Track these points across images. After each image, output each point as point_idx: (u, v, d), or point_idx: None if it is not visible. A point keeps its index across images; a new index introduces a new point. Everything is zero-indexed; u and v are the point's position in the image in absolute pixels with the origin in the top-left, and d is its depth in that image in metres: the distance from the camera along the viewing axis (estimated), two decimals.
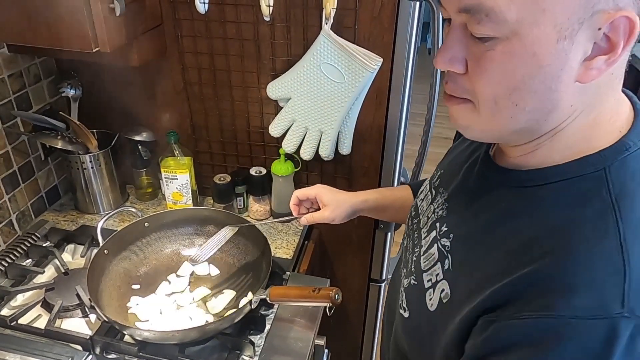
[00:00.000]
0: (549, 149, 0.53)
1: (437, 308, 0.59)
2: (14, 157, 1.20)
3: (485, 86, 0.50)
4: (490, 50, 0.47)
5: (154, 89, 1.27)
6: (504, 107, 0.50)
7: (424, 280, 0.63)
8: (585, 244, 0.47)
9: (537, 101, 0.49)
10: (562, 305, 0.45)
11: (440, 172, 0.73)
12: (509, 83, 0.48)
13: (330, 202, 0.94)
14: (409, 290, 0.67)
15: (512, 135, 0.54)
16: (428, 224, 0.68)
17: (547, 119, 0.50)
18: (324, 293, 0.78)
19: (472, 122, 0.54)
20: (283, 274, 1.12)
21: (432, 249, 0.64)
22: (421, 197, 0.75)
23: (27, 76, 1.21)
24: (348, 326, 1.59)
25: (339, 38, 1.06)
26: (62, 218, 1.31)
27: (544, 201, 0.52)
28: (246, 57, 1.17)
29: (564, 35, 0.45)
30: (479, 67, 0.49)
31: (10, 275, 1.11)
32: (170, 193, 1.27)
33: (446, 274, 0.59)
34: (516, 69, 0.47)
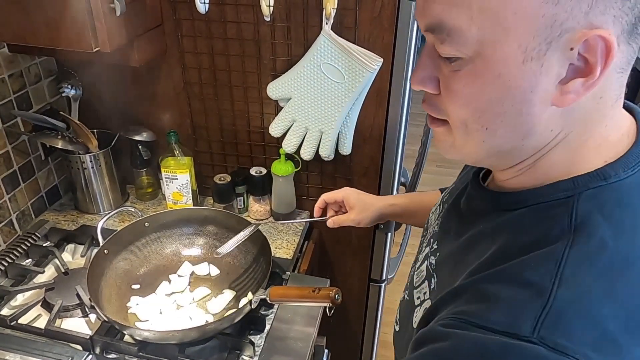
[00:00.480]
0: (531, 173, 0.51)
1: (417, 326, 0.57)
2: (14, 156, 1.20)
3: (454, 108, 0.48)
4: (457, 70, 0.46)
5: (154, 89, 1.27)
6: (474, 130, 0.48)
7: (414, 297, 0.62)
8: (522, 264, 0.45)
9: (508, 125, 0.46)
10: (478, 315, 0.44)
11: (451, 187, 0.72)
12: (476, 105, 0.46)
13: (356, 205, 0.94)
14: (402, 305, 0.67)
15: (490, 159, 0.52)
16: (428, 238, 0.68)
17: (524, 144, 0.48)
18: (324, 293, 0.78)
19: (450, 146, 0.52)
20: (283, 274, 1.12)
21: (422, 265, 0.64)
22: (432, 210, 0.75)
23: (28, 76, 1.21)
24: (348, 326, 1.59)
25: (340, 38, 1.06)
26: (62, 218, 1.31)
27: (514, 224, 0.50)
28: (246, 57, 1.17)
29: (531, 56, 0.42)
30: (447, 88, 0.48)
31: (11, 275, 1.11)
32: (171, 193, 1.27)
33: (432, 294, 0.58)
34: (483, 91, 0.45)
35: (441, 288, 0.56)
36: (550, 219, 0.47)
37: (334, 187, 1.32)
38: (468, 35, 0.43)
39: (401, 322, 0.65)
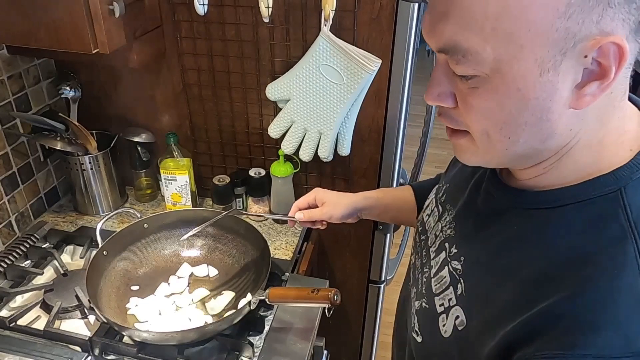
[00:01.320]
0: (559, 170, 0.51)
1: (451, 334, 0.57)
2: (13, 158, 1.20)
3: (474, 122, 0.49)
4: (474, 87, 0.47)
5: (153, 91, 1.28)
6: (497, 140, 0.49)
7: (436, 304, 0.61)
8: (603, 278, 0.45)
9: (530, 132, 0.48)
10: (587, 344, 0.43)
11: (445, 186, 0.71)
12: (497, 118, 0.48)
13: (328, 200, 0.93)
14: (420, 314, 0.64)
15: (513, 162, 0.53)
16: (437, 243, 0.66)
17: (546, 145, 0.49)
18: (323, 294, 0.78)
19: (472, 154, 0.53)
20: (282, 275, 1.12)
21: (442, 271, 0.62)
22: (427, 212, 0.74)
23: (27, 77, 1.21)
24: (347, 327, 1.59)
25: (338, 39, 1.06)
26: (61, 219, 1.31)
27: (555, 226, 0.50)
28: (245, 58, 1.17)
29: (547, 67, 0.43)
30: (465, 103, 0.49)
31: (10, 277, 1.11)
32: (170, 194, 1.27)
33: (459, 299, 0.57)
34: (503, 105, 0.46)
35: (473, 293, 0.56)
36: (602, 217, 0.48)
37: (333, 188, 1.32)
38: (484, 56, 0.44)
39: (424, 332, 0.63)
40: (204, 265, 1.11)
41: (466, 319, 0.55)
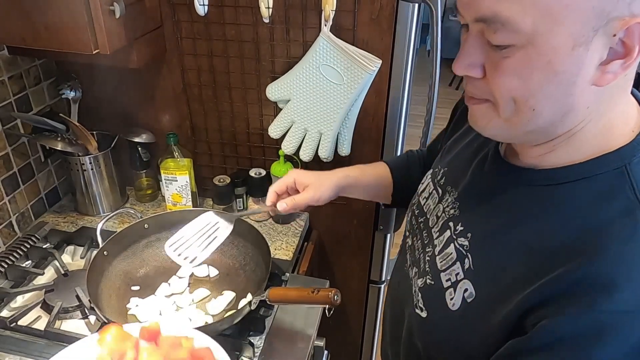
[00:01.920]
0: (566, 149, 0.54)
1: (460, 307, 0.59)
2: (14, 158, 1.20)
3: (503, 91, 0.51)
4: (507, 57, 0.49)
5: (153, 91, 1.28)
6: (521, 111, 0.51)
7: (442, 279, 0.63)
8: (616, 243, 0.48)
9: (554, 105, 0.50)
10: (605, 300, 0.46)
11: (443, 170, 0.73)
12: (525, 89, 0.50)
13: (311, 182, 0.86)
14: (425, 290, 0.66)
15: (526, 136, 0.55)
16: (439, 223, 0.68)
17: (563, 121, 0.52)
18: (323, 294, 0.78)
19: (490, 122, 0.55)
20: (282, 275, 1.12)
21: (448, 248, 0.64)
22: (424, 196, 0.75)
23: (27, 78, 1.21)
24: (348, 327, 1.59)
25: (338, 40, 1.06)
26: (62, 219, 1.31)
27: (565, 201, 0.53)
28: (245, 58, 1.18)
29: (580, 42, 0.46)
30: (496, 73, 0.51)
31: (10, 277, 1.11)
32: (170, 194, 1.27)
33: (467, 273, 0.60)
34: (532, 76, 0.49)
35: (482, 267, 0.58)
36: (610, 191, 0.51)
37: None
38: (522, 26, 0.46)
39: (429, 307, 0.65)
40: (204, 265, 1.11)
41: (475, 291, 0.58)
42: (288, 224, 1.32)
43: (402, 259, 0.79)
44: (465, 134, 0.73)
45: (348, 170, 0.93)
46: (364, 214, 1.36)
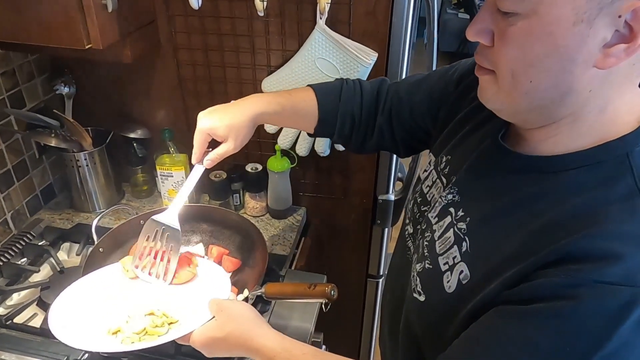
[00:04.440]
0: (569, 135, 0.55)
1: (455, 290, 0.60)
2: (8, 155, 1.19)
3: (504, 60, 0.52)
4: (512, 25, 0.50)
5: (148, 86, 1.27)
6: (519, 82, 0.52)
7: (440, 263, 0.63)
8: (613, 222, 0.49)
9: (552, 80, 0.50)
10: (591, 270, 0.47)
11: (446, 158, 0.72)
12: (525, 59, 0.50)
13: (226, 132, 0.82)
14: (423, 274, 0.67)
15: (528, 114, 0.55)
16: (437, 209, 0.68)
17: (563, 101, 0.52)
18: (320, 289, 0.78)
19: (493, 94, 0.56)
20: (280, 270, 1.12)
21: (447, 233, 0.64)
22: (427, 184, 0.75)
23: (20, 74, 1.20)
24: (346, 322, 1.59)
25: (334, 33, 1.05)
26: (57, 216, 1.30)
27: (565, 186, 0.54)
28: (241, 52, 1.17)
29: (582, 18, 0.46)
30: (501, 41, 0.52)
31: (6, 274, 1.11)
32: (166, 190, 1.26)
33: (464, 256, 0.60)
34: (533, 46, 0.49)
35: (478, 249, 0.59)
36: (612, 177, 0.52)
37: (330, 183, 1.32)
38: None
39: (427, 291, 0.65)
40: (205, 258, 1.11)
41: (470, 272, 0.58)
42: (285, 219, 1.32)
43: (401, 246, 0.79)
44: (467, 118, 0.72)
45: (265, 104, 0.84)
46: (361, 209, 1.35)
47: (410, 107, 0.84)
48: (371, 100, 0.87)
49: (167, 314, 0.82)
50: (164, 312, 0.82)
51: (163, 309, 0.83)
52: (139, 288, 0.88)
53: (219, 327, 0.73)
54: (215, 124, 0.82)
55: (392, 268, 0.85)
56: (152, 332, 0.79)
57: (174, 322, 0.81)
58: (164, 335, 0.78)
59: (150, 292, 0.87)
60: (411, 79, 0.87)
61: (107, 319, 0.82)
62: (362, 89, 0.88)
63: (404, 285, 0.73)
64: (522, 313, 0.50)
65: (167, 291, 0.87)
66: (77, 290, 0.86)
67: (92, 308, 0.84)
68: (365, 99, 0.87)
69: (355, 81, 0.90)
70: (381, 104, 0.87)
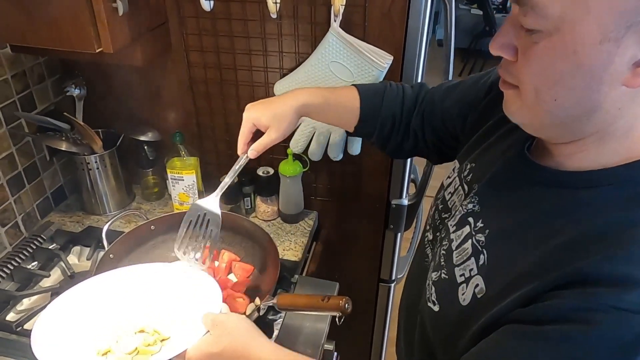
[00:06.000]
0: (596, 151, 0.53)
1: (469, 303, 0.58)
2: (18, 158, 1.18)
3: (527, 77, 0.50)
4: (535, 43, 0.48)
5: (159, 88, 1.25)
6: (543, 100, 0.50)
7: (456, 274, 0.62)
8: (636, 246, 0.46)
9: (577, 99, 0.48)
10: (608, 295, 0.45)
11: (470, 166, 0.71)
12: (548, 77, 0.48)
13: (270, 120, 0.83)
14: (439, 284, 0.65)
15: (554, 130, 0.54)
16: (457, 217, 0.67)
17: (591, 119, 0.50)
18: (334, 302, 0.76)
19: (517, 108, 0.54)
20: (291, 278, 1.10)
21: (465, 244, 0.63)
22: (450, 191, 0.74)
23: (31, 76, 1.19)
24: (357, 326, 1.57)
25: (348, 35, 1.03)
26: (68, 219, 1.29)
27: (590, 204, 0.52)
28: (253, 54, 1.14)
29: (609, 37, 0.44)
30: (524, 57, 0.50)
31: (17, 279, 1.10)
32: (177, 194, 1.25)
33: (481, 269, 0.59)
34: (556, 65, 0.47)
35: (495, 262, 0.57)
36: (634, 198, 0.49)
37: (343, 187, 1.30)
38: (550, 11, 0.45)
39: (441, 302, 0.64)
40: None
41: (485, 286, 0.57)
42: (297, 223, 1.30)
43: (421, 254, 0.78)
44: (495, 126, 0.70)
45: (309, 96, 0.84)
46: (374, 213, 1.33)
47: (441, 112, 0.83)
48: (411, 104, 0.88)
49: (158, 331, 0.79)
50: (155, 329, 0.79)
51: (154, 325, 0.80)
52: (127, 303, 0.84)
53: (214, 342, 0.71)
54: (259, 114, 0.84)
55: (410, 275, 0.84)
56: (144, 351, 0.75)
57: (165, 338, 0.78)
58: (157, 353, 0.75)
59: (139, 307, 0.84)
60: (446, 84, 0.87)
61: (96, 338, 0.78)
62: (404, 93, 0.88)
63: (420, 292, 0.71)
64: (533, 334, 0.48)
65: (157, 305, 0.84)
66: (60, 307, 0.80)
67: (78, 326, 0.79)
68: (406, 102, 0.87)
69: (399, 85, 0.90)
70: (417, 107, 0.87)
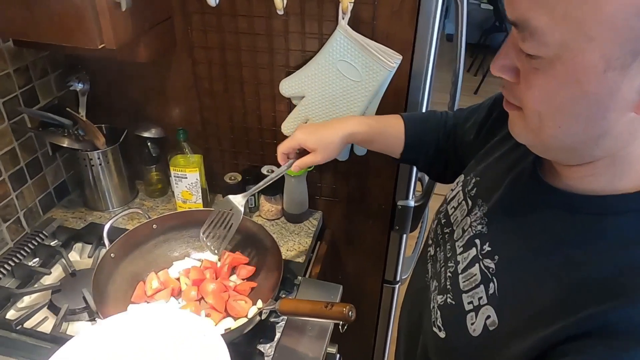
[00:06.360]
0: (610, 175, 0.49)
1: (480, 334, 0.56)
2: (21, 153, 1.17)
3: (529, 102, 0.48)
4: (536, 68, 0.45)
5: (163, 84, 1.23)
6: (547, 126, 0.48)
7: (464, 301, 0.59)
8: None
9: (582, 125, 0.46)
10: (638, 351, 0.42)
11: (475, 180, 0.68)
12: (551, 104, 0.46)
13: (317, 145, 0.86)
14: (444, 310, 0.63)
15: (561, 153, 0.51)
16: (465, 238, 0.64)
17: (599, 144, 0.47)
18: (337, 310, 0.74)
19: (521, 130, 0.52)
20: (295, 279, 1.09)
21: (472, 268, 0.60)
22: (453, 205, 0.71)
23: (34, 70, 1.17)
24: (360, 328, 1.56)
25: (356, 34, 1.00)
26: (70, 215, 1.28)
27: (607, 234, 0.48)
28: (259, 52, 1.12)
29: (614, 65, 0.41)
30: (526, 82, 0.47)
31: (17, 276, 1.09)
32: (180, 192, 1.23)
33: (491, 299, 0.56)
34: (559, 92, 0.45)
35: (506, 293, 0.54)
36: None
37: (348, 187, 1.28)
38: (550, 38, 0.42)
39: (448, 329, 0.61)
40: None
41: (498, 319, 0.54)
42: (301, 223, 1.28)
43: (421, 268, 0.75)
44: (501, 142, 0.68)
45: (356, 125, 0.88)
46: (379, 214, 1.31)
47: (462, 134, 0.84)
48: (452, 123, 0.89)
49: None
50: None
51: None
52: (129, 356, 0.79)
53: None
54: (308, 137, 0.87)
55: (410, 288, 0.81)
56: None
57: None
58: None
59: None
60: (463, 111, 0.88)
61: None
62: (447, 119, 0.90)
63: (421, 312, 0.69)
64: None
65: None
66: None
67: None
68: (448, 128, 0.89)
69: (444, 112, 0.92)
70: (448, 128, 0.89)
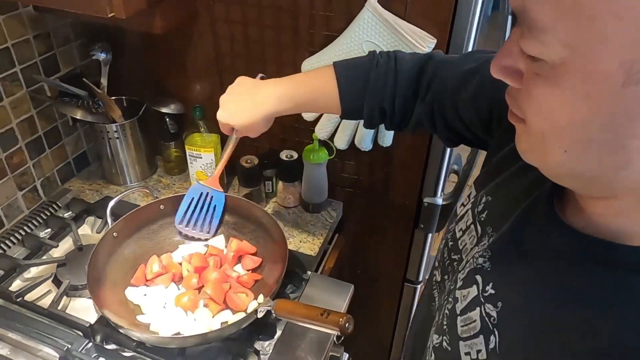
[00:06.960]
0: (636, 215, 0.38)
1: None
2: (39, 121, 1.15)
3: (531, 115, 0.38)
4: (537, 74, 0.36)
5: (184, 58, 1.18)
6: (551, 150, 0.38)
7: (461, 350, 0.51)
8: None
9: (595, 153, 0.36)
10: None
11: (486, 199, 0.57)
12: (556, 122, 0.36)
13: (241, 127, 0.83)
14: (440, 354, 0.55)
15: (574, 183, 0.41)
16: (466, 270, 0.54)
17: (620, 177, 0.37)
18: (333, 319, 0.67)
19: (527, 149, 0.42)
20: (304, 274, 1.03)
21: (473, 312, 0.50)
22: (461, 227, 0.60)
23: (56, 37, 1.14)
24: (377, 327, 1.49)
25: (387, 12, 0.91)
26: (87, 187, 1.27)
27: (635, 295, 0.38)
28: (282, 29, 1.04)
29: (636, 78, 0.31)
30: (527, 89, 0.37)
31: (27, 245, 1.09)
32: (194, 172, 1.18)
33: (491, 354, 0.47)
34: (564, 108, 0.35)
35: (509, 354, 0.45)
36: None
37: (371, 178, 1.20)
38: (552, 36, 0.33)
39: None
40: None
41: None
42: (319, 213, 1.21)
43: (428, 294, 0.66)
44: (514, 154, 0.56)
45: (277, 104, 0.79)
46: (404, 209, 1.22)
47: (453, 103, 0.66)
48: (408, 85, 0.70)
49: None
50: None
51: None
52: None
53: None
54: (230, 121, 0.83)
55: (418, 313, 0.73)
56: None
57: None
58: None
59: None
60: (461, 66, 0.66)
61: None
62: (397, 72, 0.70)
63: (424, 342, 0.61)
64: None
65: None
66: None
67: None
68: (399, 85, 0.70)
69: (391, 58, 0.71)
70: (422, 91, 0.69)
